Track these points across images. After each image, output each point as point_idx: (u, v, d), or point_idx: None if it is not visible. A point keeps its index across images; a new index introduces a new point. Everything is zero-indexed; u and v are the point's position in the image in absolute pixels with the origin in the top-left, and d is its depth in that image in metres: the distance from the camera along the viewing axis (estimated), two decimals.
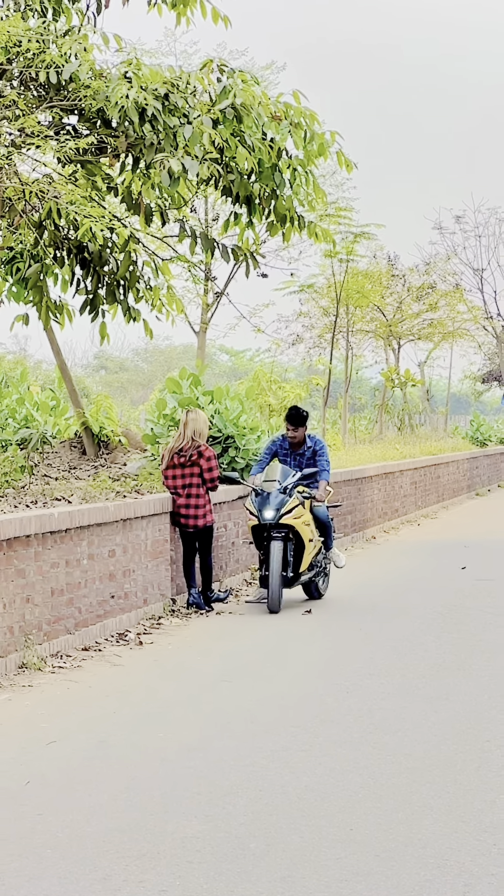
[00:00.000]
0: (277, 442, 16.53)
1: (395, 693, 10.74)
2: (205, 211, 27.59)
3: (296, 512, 15.52)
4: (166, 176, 13.99)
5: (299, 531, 15.49)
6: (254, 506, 15.59)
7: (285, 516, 15.39)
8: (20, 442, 21.13)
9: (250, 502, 15.72)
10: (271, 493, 15.50)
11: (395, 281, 43.77)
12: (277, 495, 15.48)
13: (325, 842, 6.84)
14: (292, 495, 15.62)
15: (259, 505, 15.50)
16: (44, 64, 13.73)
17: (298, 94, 15.41)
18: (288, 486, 15.60)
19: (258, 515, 15.45)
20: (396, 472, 28.63)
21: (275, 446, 16.50)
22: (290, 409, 16.33)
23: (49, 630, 12.21)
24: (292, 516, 15.45)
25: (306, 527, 15.70)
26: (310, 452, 16.40)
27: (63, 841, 6.87)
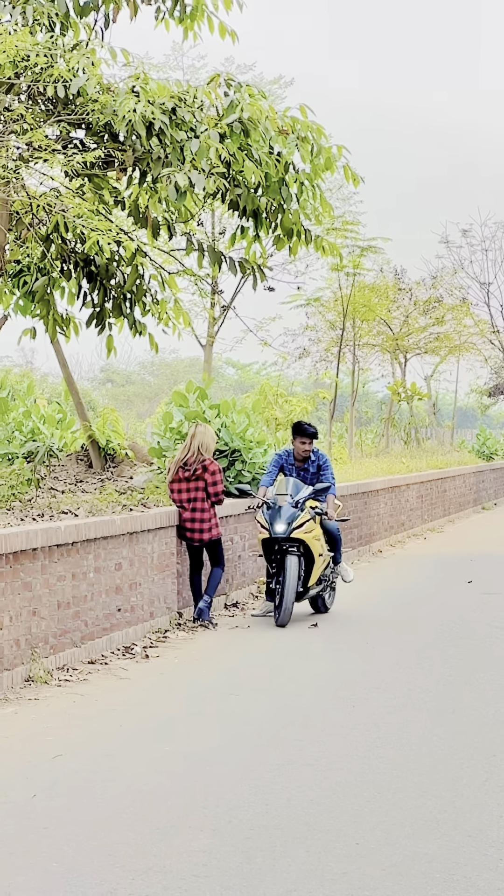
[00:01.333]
0: (283, 456, 16.47)
1: (401, 707, 10.73)
2: (212, 224, 27.63)
3: (307, 526, 15.46)
4: (173, 190, 14.03)
5: (310, 545, 15.41)
6: (265, 519, 15.51)
7: (297, 530, 15.31)
8: (27, 455, 21.15)
9: (261, 515, 15.65)
10: (283, 507, 15.46)
11: (401, 294, 43.78)
12: (289, 509, 15.43)
13: (332, 856, 6.84)
14: (304, 509, 15.56)
15: (270, 518, 15.42)
16: (52, 78, 13.76)
17: (305, 109, 15.44)
18: (300, 500, 15.57)
19: (269, 529, 15.36)
20: (403, 486, 28.61)
21: (281, 460, 16.43)
22: (301, 424, 16.35)
23: (55, 643, 12.22)
24: (303, 530, 15.37)
25: (317, 541, 15.61)
26: (314, 467, 16.36)
27: (69, 854, 6.86)
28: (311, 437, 16.23)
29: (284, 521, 15.31)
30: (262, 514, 15.65)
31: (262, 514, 15.65)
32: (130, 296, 16.99)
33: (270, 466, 16.43)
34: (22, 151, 14.12)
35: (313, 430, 16.31)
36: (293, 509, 15.43)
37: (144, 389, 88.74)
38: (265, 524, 15.47)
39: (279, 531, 15.27)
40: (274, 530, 15.30)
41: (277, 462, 16.43)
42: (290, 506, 15.46)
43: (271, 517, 15.42)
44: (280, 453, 16.55)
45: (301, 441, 16.25)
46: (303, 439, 16.25)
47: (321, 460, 16.39)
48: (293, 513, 15.39)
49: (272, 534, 15.32)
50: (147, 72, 14.30)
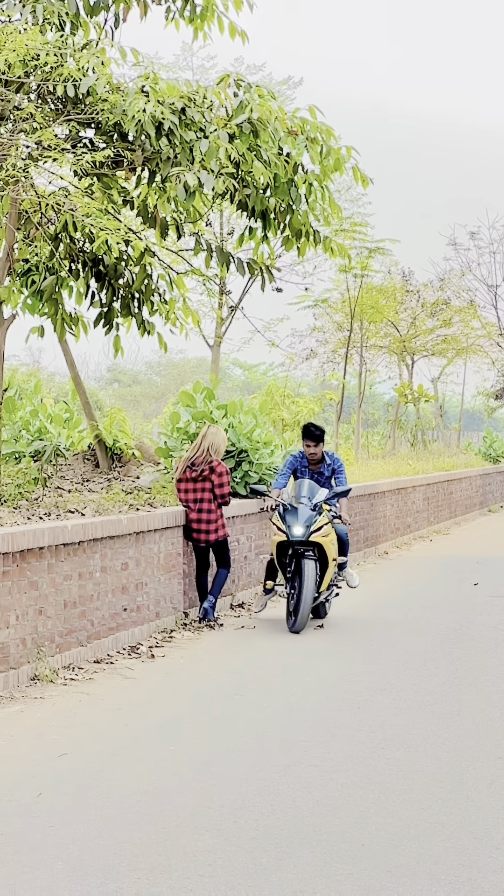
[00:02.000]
0: (298, 458, 16.21)
1: (406, 709, 10.73)
2: (220, 225, 27.61)
3: (325, 530, 15.11)
4: (182, 190, 14.04)
5: (326, 549, 15.04)
6: (281, 521, 15.17)
7: (315, 534, 14.94)
8: (34, 454, 21.16)
9: (277, 517, 15.32)
10: (300, 509, 15.11)
11: (409, 296, 43.76)
12: (307, 511, 15.07)
13: (337, 857, 6.83)
14: (321, 513, 15.23)
15: (288, 521, 15.06)
16: (61, 77, 13.77)
17: (315, 110, 15.45)
18: (318, 503, 15.27)
19: (287, 531, 14.99)
20: (409, 488, 28.60)
21: (296, 462, 16.18)
22: (308, 425, 16.11)
23: (61, 642, 12.22)
24: (321, 534, 15.01)
25: (333, 546, 15.26)
26: (329, 471, 16.11)
27: (75, 853, 6.86)
28: (317, 440, 15.91)
29: (302, 523, 14.94)
30: (279, 516, 15.30)
31: (279, 516, 15.30)
32: (139, 295, 17.00)
33: (284, 468, 16.19)
34: (31, 150, 14.13)
35: (319, 433, 16.01)
36: (311, 512, 15.09)
37: (151, 389, 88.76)
38: (281, 526, 15.12)
39: (297, 534, 14.89)
40: (292, 533, 14.92)
41: (292, 464, 16.19)
42: (308, 508, 15.15)
43: (289, 520, 15.05)
44: (295, 455, 16.32)
45: (306, 444, 16.01)
46: (308, 442, 15.99)
47: (336, 464, 16.13)
48: (311, 515, 15.04)
49: (290, 537, 14.94)
50: (157, 72, 14.32)
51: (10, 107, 14.19)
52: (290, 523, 15.00)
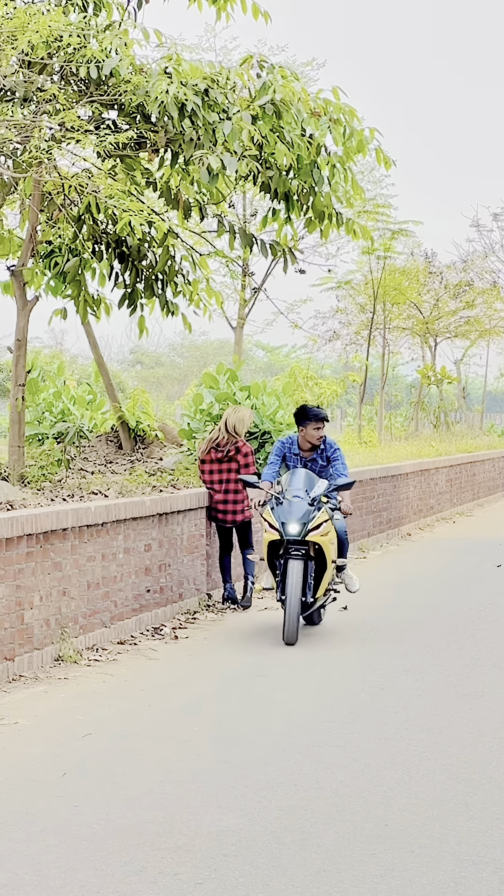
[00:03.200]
0: (286, 444, 14.15)
1: (429, 690, 10.73)
2: (243, 206, 27.57)
3: (324, 528, 13.29)
4: (205, 172, 14.03)
5: (325, 550, 13.27)
6: (274, 517, 13.29)
7: (313, 532, 13.13)
8: (57, 436, 21.20)
9: (269, 513, 13.36)
10: (295, 504, 13.26)
11: (432, 278, 43.65)
12: (303, 506, 13.23)
13: (361, 837, 6.85)
14: (321, 508, 13.41)
15: (282, 516, 13.20)
16: (84, 59, 13.77)
17: (338, 91, 15.41)
18: (317, 496, 13.41)
19: (280, 529, 13.15)
20: (432, 470, 28.58)
21: (283, 449, 14.14)
22: (307, 408, 14.14)
23: (85, 623, 12.25)
24: (320, 532, 13.20)
25: (332, 545, 13.48)
26: (323, 458, 14.15)
27: (99, 832, 6.89)
28: (324, 421, 14.05)
29: (298, 520, 13.11)
30: (270, 511, 13.38)
31: (270, 511, 13.38)
32: (162, 277, 17.01)
33: (273, 457, 14.17)
34: (54, 132, 14.14)
35: (325, 414, 14.19)
36: (308, 507, 13.26)
37: (174, 371, 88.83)
38: (274, 523, 13.24)
39: (293, 532, 13.07)
40: (286, 531, 13.09)
41: (280, 451, 14.16)
42: (306, 502, 13.29)
43: (283, 516, 13.20)
44: (283, 441, 14.21)
45: (315, 427, 14.00)
46: (316, 424, 14.01)
47: (330, 450, 14.15)
48: (308, 511, 13.22)
49: (284, 535, 13.13)
50: (180, 53, 14.31)
51: (33, 88, 14.20)
52: (284, 520, 13.17)
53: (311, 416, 13.98)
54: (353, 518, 21.69)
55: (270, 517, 13.30)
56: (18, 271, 15.51)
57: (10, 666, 10.86)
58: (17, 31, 13.32)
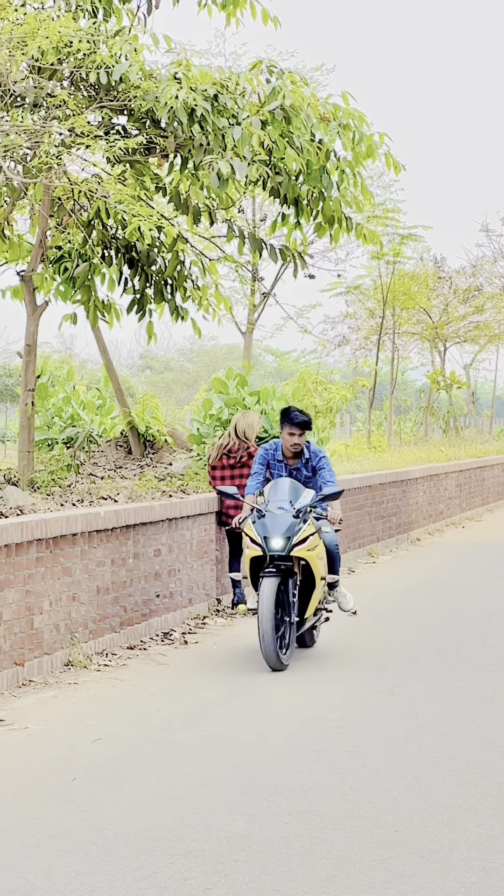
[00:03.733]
0: (270, 451, 13.03)
1: (439, 695, 10.73)
2: (252, 211, 27.62)
3: (311, 542, 12.10)
4: (215, 177, 14.05)
5: (312, 566, 12.12)
6: (255, 531, 12.12)
7: (298, 547, 11.93)
8: (66, 441, 21.22)
9: (250, 527, 12.21)
10: (279, 516, 12.06)
11: (441, 283, 43.69)
12: (287, 518, 12.03)
13: (370, 843, 6.84)
14: (307, 520, 12.20)
15: (264, 530, 11.99)
16: (94, 64, 13.79)
17: (347, 96, 15.43)
18: (302, 508, 12.22)
19: (262, 544, 11.95)
20: (441, 475, 28.56)
21: (267, 456, 13.03)
22: (289, 410, 12.94)
23: (95, 628, 12.26)
24: (306, 547, 12.01)
25: (320, 561, 12.34)
26: (308, 468, 13.02)
27: (109, 837, 6.90)
28: (303, 428, 12.78)
29: (282, 534, 11.90)
30: (251, 525, 12.24)
31: (251, 525, 12.24)
32: (171, 282, 17.03)
33: (256, 465, 13.07)
34: (64, 137, 14.15)
35: (306, 419, 12.85)
36: (293, 519, 12.04)
37: (183, 376, 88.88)
38: (256, 538, 12.04)
39: (276, 547, 11.83)
40: (269, 546, 11.85)
41: (263, 459, 13.05)
42: (290, 514, 12.09)
43: (265, 530, 11.99)
44: (266, 447, 13.10)
45: (289, 431, 12.80)
46: (291, 429, 12.79)
47: (316, 458, 12.99)
48: (293, 524, 12.00)
49: (266, 551, 11.88)
50: (189, 58, 14.32)
51: (43, 94, 14.22)
52: (266, 533, 11.96)
53: (287, 420, 12.79)
54: (363, 523, 21.68)
55: (252, 531, 12.12)
56: (28, 276, 15.53)
57: (20, 671, 10.86)
58: (27, 37, 13.34)
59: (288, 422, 12.75)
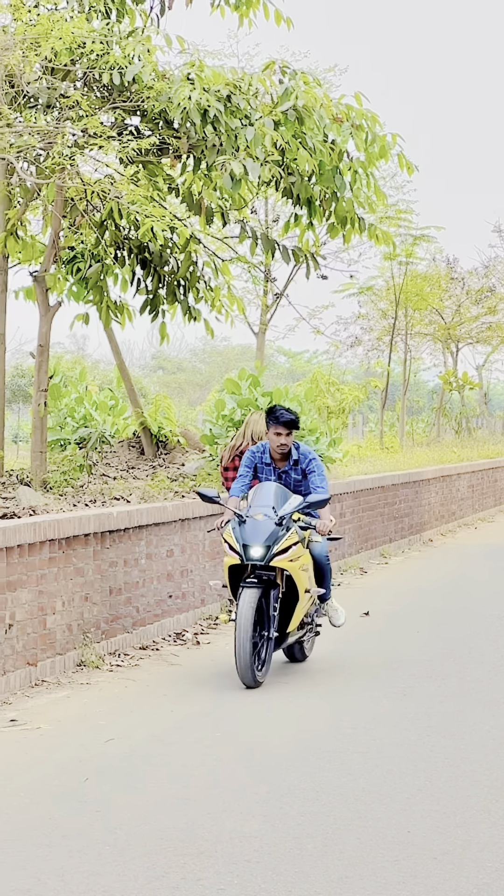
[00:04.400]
0: (257, 454, 12.13)
1: (452, 696, 10.72)
2: (265, 212, 27.62)
3: (293, 552, 11.32)
4: (228, 178, 14.05)
5: (295, 578, 11.31)
6: (234, 538, 11.36)
7: (279, 557, 11.17)
8: (79, 441, 21.23)
9: (229, 532, 11.44)
10: (260, 523, 11.28)
11: (453, 284, 43.67)
12: (269, 525, 11.24)
13: (383, 844, 6.84)
14: (290, 528, 11.40)
15: (243, 538, 11.26)
16: (107, 65, 13.80)
17: (360, 96, 15.42)
18: (286, 515, 11.38)
19: (241, 553, 11.24)
20: (454, 475, 28.55)
21: (255, 459, 12.13)
22: (276, 408, 12.07)
23: (107, 629, 12.27)
24: (288, 557, 11.22)
25: (304, 572, 11.53)
26: (297, 472, 12.09)
27: (122, 837, 6.90)
28: (290, 427, 11.85)
29: (262, 542, 11.16)
30: (231, 531, 11.45)
31: (231, 531, 11.45)
32: (184, 282, 17.04)
33: (243, 468, 12.16)
34: (77, 138, 14.16)
35: (292, 417, 11.89)
36: (275, 526, 11.25)
37: (196, 377, 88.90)
38: (235, 545, 11.31)
39: (255, 556, 11.13)
40: (248, 555, 11.17)
41: (251, 462, 12.14)
42: (272, 521, 11.29)
43: (245, 537, 11.26)
44: (254, 449, 12.20)
45: (276, 431, 11.88)
46: (278, 429, 11.86)
47: (306, 461, 12.04)
48: (274, 531, 11.23)
49: (245, 559, 11.21)
50: (202, 59, 14.33)
51: (56, 95, 14.24)
52: (245, 541, 11.23)
53: (273, 419, 11.88)
54: (375, 523, 21.68)
55: (231, 538, 11.37)
56: (41, 277, 15.55)
57: (32, 671, 10.88)
58: (40, 38, 13.36)
59: (273, 421, 11.85)
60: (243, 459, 12.19)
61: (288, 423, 11.78)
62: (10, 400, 44.73)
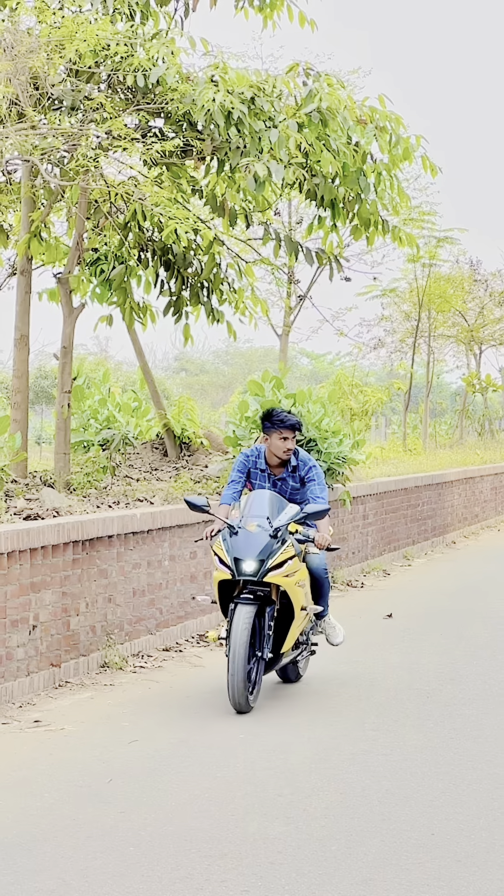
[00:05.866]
0: (251, 458, 11.21)
1: (475, 699, 10.71)
2: (288, 214, 27.62)
3: (289, 566, 10.38)
4: (252, 180, 14.05)
5: (291, 595, 10.40)
6: (225, 551, 10.43)
7: (273, 572, 10.24)
8: (102, 443, 21.24)
9: (219, 544, 10.53)
10: (253, 534, 10.33)
11: (477, 286, 43.57)
12: (263, 538, 10.30)
13: (407, 846, 6.84)
14: (286, 540, 10.48)
15: (234, 551, 10.33)
16: (131, 67, 13.81)
17: (384, 98, 15.41)
18: (281, 526, 10.44)
19: (232, 567, 10.32)
20: (477, 478, 28.50)
21: (248, 463, 11.21)
22: (274, 411, 11.14)
23: (130, 630, 12.28)
24: (283, 572, 10.29)
25: (300, 588, 10.56)
26: (295, 479, 11.20)
27: (145, 839, 6.91)
28: (296, 430, 11.01)
29: (255, 556, 10.23)
30: (222, 542, 10.53)
31: (222, 542, 10.53)
32: (207, 284, 17.04)
33: (234, 473, 11.22)
34: (101, 140, 14.18)
35: (297, 420, 11.10)
36: (270, 539, 10.31)
37: (218, 378, 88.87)
38: (225, 558, 10.38)
39: (248, 571, 10.21)
40: (240, 569, 10.25)
41: (243, 467, 11.21)
42: (267, 533, 10.35)
43: (236, 549, 10.33)
44: (247, 453, 11.26)
45: (281, 436, 10.98)
46: (283, 433, 10.97)
47: (305, 468, 11.16)
48: (269, 544, 10.29)
49: (236, 574, 10.29)
50: (226, 61, 14.32)
51: (80, 97, 14.25)
52: (237, 555, 10.30)
53: (277, 423, 10.96)
54: (398, 525, 21.67)
55: (221, 551, 10.45)
56: (65, 278, 15.57)
57: (56, 672, 10.90)
58: (64, 40, 13.38)
59: (279, 424, 10.93)
60: (235, 464, 11.26)
61: (294, 425, 10.95)
62: (33, 401, 44.81)
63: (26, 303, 15.67)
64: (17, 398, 15.68)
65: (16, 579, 10.34)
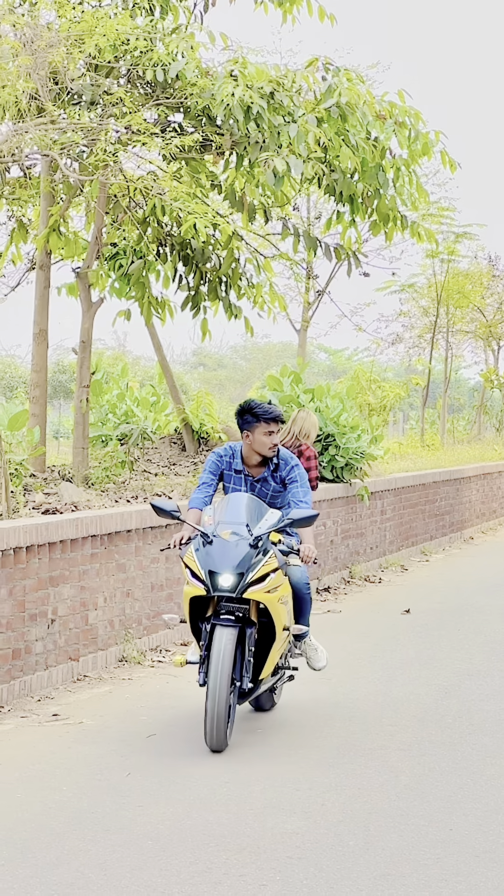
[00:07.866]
0: (225, 457, 9.82)
1: (494, 695, 10.70)
2: (307, 209, 27.62)
3: (271, 581, 9.01)
4: (271, 175, 14.04)
5: (273, 613, 9.03)
6: (198, 563, 9.01)
7: (254, 587, 8.89)
8: (121, 437, 21.27)
9: (191, 556, 9.08)
10: (231, 545, 8.96)
11: (495, 281, 43.49)
12: (243, 549, 8.95)
13: (425, 841, 6.84)
14: (268, 551, 9.12)
15: (209, 563, 8.92)
16: (151, 62, 13.82)
17: (403, 94, 15.39)
18: (262, 535, 9.09)
19: (206, 581, 8.91)
20: (494, 473, 28.48)
21: (222, 463, 9.82)
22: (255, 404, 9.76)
23: (148, 624, 12.30)
24: (264, 587, 8.94)
25: (283, 606, 9.23)
26: (276, 480, 9.79)
27: (164, 833, 6.92)
28: (280, 422, 9.68)
29: (233, 569, 8.87)
30: (193, 553, 9.10)
31: (193, 553, 9.10)
32: (226, 279, 17.05)
33: (206, 474, 9.83)
34: (121, 135, 14.19)
35: (281, 411, 9.78)
36: (249, 549, 8.97)
37: (236, 373, 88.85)
38: (199, 571, 8.96)
39: (225, 586, 8.84)
40: (215, 584, 8.86)
41: (216, 468, 9.82)
42: (246, 542, 9.00)
43: (210, 561, 8.92)
44: (220, 452, 9.85)
45: (267, 430, 9.61)
46: (269, 427, 9.62)
47: (287, 468, 9.76)
48: (248, 555, 8.93)
49: (212, 590, 8.88)
50: (245, 56, 14.32)
51: (100, 91, 14.26)
52: (212, 567, 8.90)
53: (262, 414, 9.60)
54: (416, 521, 21.65)
55: (193, 563, 9.03)
56: (84, 273, 15.58)
57: (74, 666, 10.92)
58: (84, 35, 13.39)
59: (263, 417, 9.60)
60: (206, 463, 9.87)
61: (277, 417, 9.62)
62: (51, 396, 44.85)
63: (45, 297, 15.70)
64: (36, 392, 15.71)
65: (34, 573, 10.36)
